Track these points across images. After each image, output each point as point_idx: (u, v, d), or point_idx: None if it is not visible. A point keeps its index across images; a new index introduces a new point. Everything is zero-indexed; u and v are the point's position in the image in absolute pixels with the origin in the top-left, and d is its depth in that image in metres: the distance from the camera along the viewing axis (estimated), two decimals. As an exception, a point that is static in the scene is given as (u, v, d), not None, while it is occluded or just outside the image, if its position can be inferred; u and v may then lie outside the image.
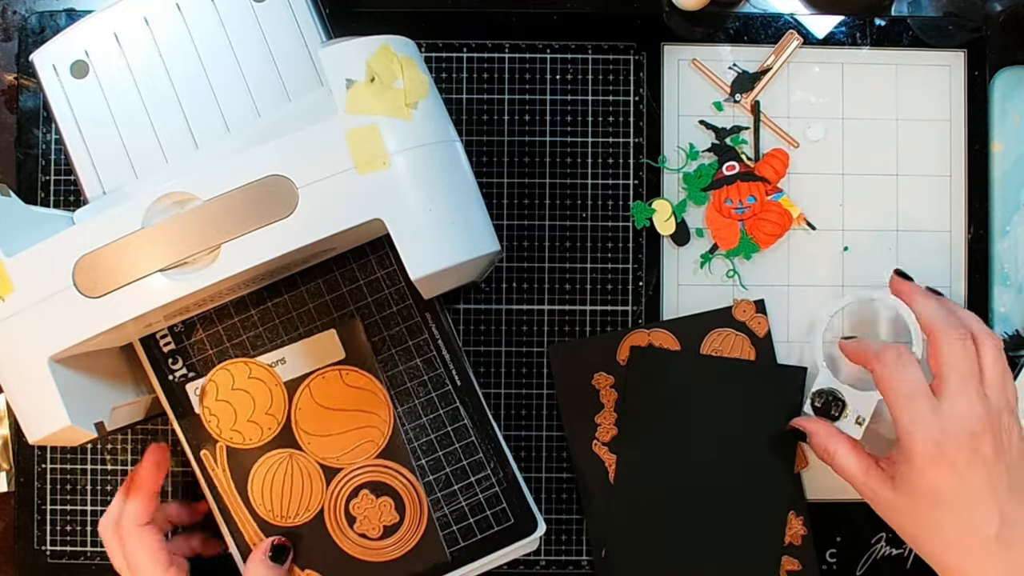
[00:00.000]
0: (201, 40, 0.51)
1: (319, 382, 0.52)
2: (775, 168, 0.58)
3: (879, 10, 0.60)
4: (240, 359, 0.52)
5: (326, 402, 0.52)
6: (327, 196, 0.43)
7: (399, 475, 0.52)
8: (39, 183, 0.59)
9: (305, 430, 0.52)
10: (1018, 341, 0.59)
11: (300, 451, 0.52)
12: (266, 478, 0.52)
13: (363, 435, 0.52)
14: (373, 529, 0.52)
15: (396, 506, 0.52)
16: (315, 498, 0.52)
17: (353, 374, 0.52)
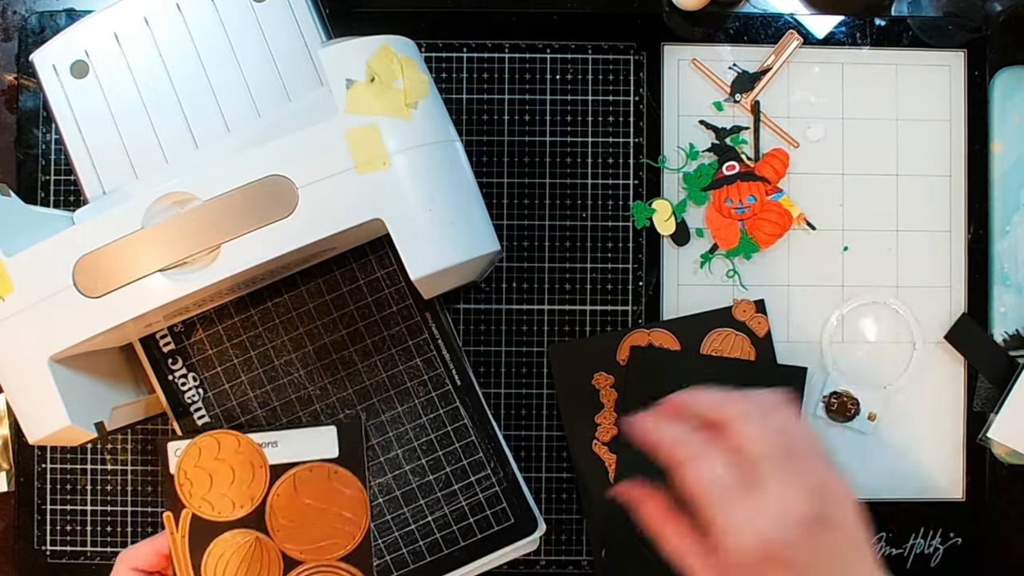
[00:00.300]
0: (201, 40, 0.51)
1: (305, 475, 0.52)
2: (775, 168, 0.58)
3: (879, 10, 0.60)
4: (232, 432, 0.52)
5: (308, 496, 0.52)
6: (327, 196, 0.43)
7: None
8: (39, 183, 0.59)
9: (279, 518, 0.51)
10: (1018, 341, 0.59)
11: (267, 537, 0.51)
12: (224, 555, 0.51)
13: (334, 534, 0.52)
14: None
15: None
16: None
17: (342, 475, 0.52)
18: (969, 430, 0.59)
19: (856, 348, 0.59)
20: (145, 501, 0.59)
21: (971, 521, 0.59)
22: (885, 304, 0.58)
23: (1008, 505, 0.59)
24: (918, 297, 0.59)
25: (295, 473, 0.52)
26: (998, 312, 0.59)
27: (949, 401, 0.59)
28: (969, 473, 0.59)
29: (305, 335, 0.54)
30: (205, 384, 0.54)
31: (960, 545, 0.59)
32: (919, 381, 0.59)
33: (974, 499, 0.59)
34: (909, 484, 0.59)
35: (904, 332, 0.59)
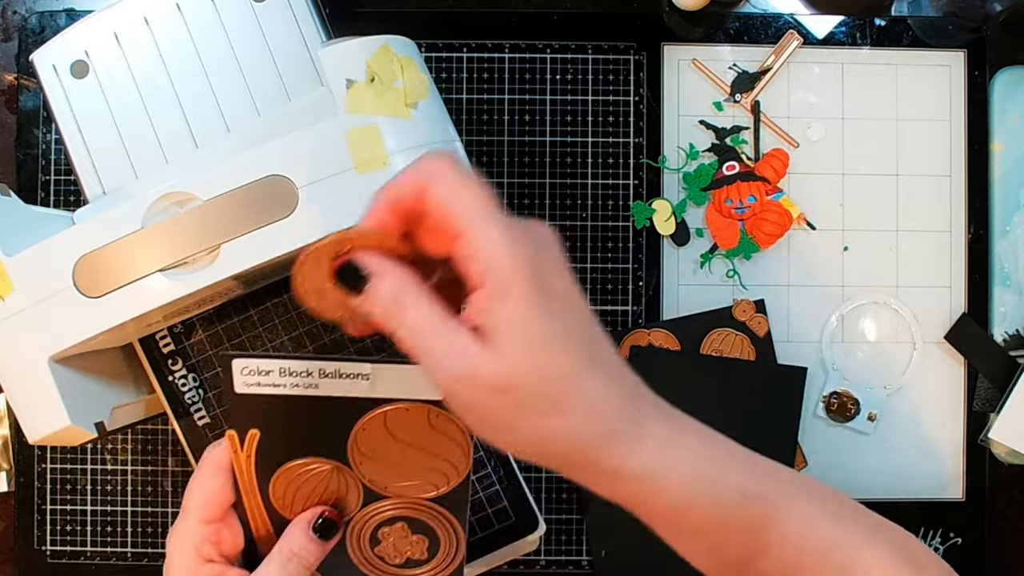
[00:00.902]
0: (201, 40, 0.51)
1: (399, 414, 0.44)
2: (775, 168, 0.58)
3: (879, 10, 0.60)
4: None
5: (400, 434, 0.44)
6: (327, 196, 0.43)
7: (447, 523, 0.46)
8: (39, 183, 0.59)
9: (362, 452, 0.44)
10: (1018, 341, 0.59)
11: (347, 468, 0.45)
12: (296, 479, 0.45)
13: (427, 476, 0.45)
14: (395, 556, 0.46)
15: (429, 547, 0.46)
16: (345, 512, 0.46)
17: (444, 419, 0.44)
18: (969, 430, 0.59)
19: (856, 348, 0.59)
20: (145, 501, 0.59)
21: (971, 521, 0.59)
22: (885, 304, 0.58)
23: (1008, 505, 0.59)
24: (918, 297, 0.59)
25: (387, 412, 0.44)
26: (998, 312, 0.59)
27: (949, 401, 0.59)
28: (969, 473, 0.59)
29: (305, 335, 0.54)
30: (205, 384, 0.54)
31: (960, 545, 0.59)
32: (919, 381, 0.59)
33: (974, 499, 0.59)
34: (909, 484, 0.59)
35: (904, 332, 0.59)
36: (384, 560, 0.46)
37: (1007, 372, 0.58)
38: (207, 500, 0.43)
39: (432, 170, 0.33)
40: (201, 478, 0.43)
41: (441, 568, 0.46)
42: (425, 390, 0.43)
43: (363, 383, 0.43)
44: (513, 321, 0.32)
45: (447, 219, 0.33)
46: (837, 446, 0.58)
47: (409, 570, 0.47)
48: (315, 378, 0.42)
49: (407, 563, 0.46)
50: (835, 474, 0.58)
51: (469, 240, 0.32)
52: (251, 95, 0.51)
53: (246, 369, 0.43)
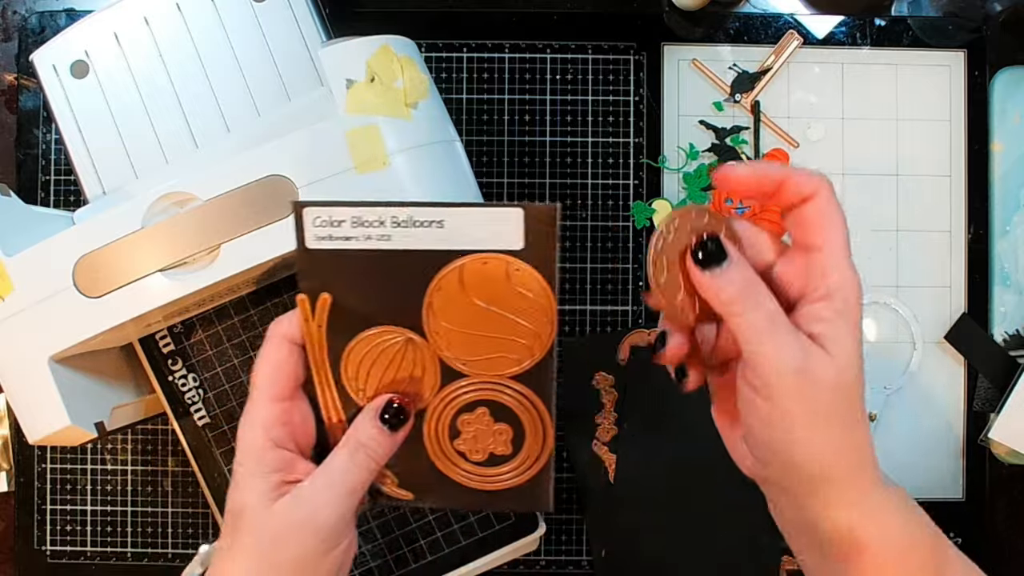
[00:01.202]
0: (201, 40, 0.51)
1: (476, 267, 0.40)
2: (775, 168, 0.58)
3: (879, 10, 0.60)
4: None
5: (478, 295, 0.40)
6: (327, 196, 0.43)
7: (532, 407, 0.42)
8: (39, 183, 0.59)
9: (439, 317, 0.40)
10: (1018, 341, 0.59)
11: (422, 339, 0.41)
12: (368, 354, 0.41)
13: (508, 347, 0.41)
14: (476, 452, 0.43)
15: (514, 438, 0.43)
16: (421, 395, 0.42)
17: (525, 274, 0.40)
18: (969, 430, 0.59)
19: (856, 348, 0.59)
20: (145, 501, 0.59)
21: (971, 521, 0.59)
22: (885, 304, 0.58)
23: (1008, 505, 0.59)
24: (918, 297, 0.59)
25: (463, 264, 0.40)
26: (998, 312, 0.59)
27: (949, 401, 0.59)
28: (969, 473, 0.59)
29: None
30: (205, 385, 0.54)
31: (960, 545, 0.59)
32: (919, 381, 0.59)
33: (974, 499, 0.59)
34: (909, 484, 0.58)
35: (904, 332, 0.59)
36: (465, 457, 0.43)
37: (1007, 372, 0.58)
38: (275, 373, 0.40)
39: (822, 184, 0.36)
40: (267, 351, 0.40)
41: (525, 466, 0.43)
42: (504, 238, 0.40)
43: (437, 232, 0.40)
44: (850, 336, 0.35)
45: (818, 228, 0.36)
46: (837, 446, 0.58)
47: (491, 468, 0.43)
48: (387, 228, 0.39)
49: (489, 459, 0.43)
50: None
51: (831, 257, 0.36)
52: (251, 95, 0.51)
53: (318, 219, 0.39)
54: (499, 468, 0.43)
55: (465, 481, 0.43)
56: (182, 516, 0.59)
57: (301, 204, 0.39)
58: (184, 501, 0.59)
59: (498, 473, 0.43)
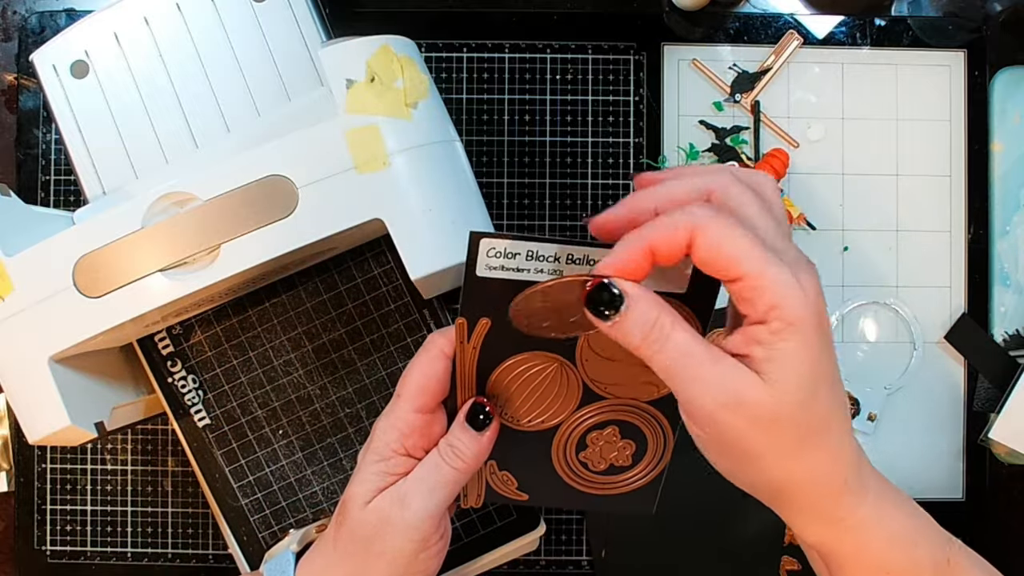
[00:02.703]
0: (201, 40, 0.51)
1: None
2: (775, 168, 0.58)
3: (879, 10, 0.60)
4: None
5: None
6: (327, 196, 0.43)
7: (659, 428, 0.44)
8: (39, 183, 0.59)
9: (592, 346, 0.42)
10: (1018, 341, 0.59)
11: (572, 365, 0.42)
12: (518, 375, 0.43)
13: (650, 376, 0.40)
14: (599, 463, 0.45)
15: (635, 453, 0.44)
16: (558, 414, 0.44)
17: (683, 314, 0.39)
18: (969, 430, 0.59)
19: (856, 348, 0.59)
20: (145, 501, 0.59)
21: (971, 521, 0.59)
22: (885, 304, 0.58)
23: (1008, 505, 0.59)
24: (918, 297, 0.59)
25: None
26: (998, 312, 0.59)
27: (949, 401, 0.59)
28: (969, 473, 0.59)
29: (304, 335, 0.54)
30: (205, 386, 0.54)
31: (960, 545, 0.59)
32: (919, 381, 0.59)
33: (974, 499, 0.59)
34: (909, 484, 0.59)
35: (904, 332, 0.59)
36: (587, 467, 0.45)
37: (1007, 372, 0.58)
38: (424, 386, 0.41)
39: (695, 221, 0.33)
40: (421, 363, 0.41)
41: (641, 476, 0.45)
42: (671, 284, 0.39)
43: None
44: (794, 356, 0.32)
45: (721, 265, 0.32)
46: (837, 446, 0.58)
47: (610, 476, 0.45)
48: (561, 264, 0.39)
49: (609, 469, 0.45)
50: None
51: (750, 282, 0.32)
52: (251, 95, 0.51)
53: (492, 250, 0.40)
54: (616, 477, 0.45)
55: (580, 486, 0.45)
56: (182, 516, 0.59)
57: (479, 235, 0.40)
58: (184, 501, 0.59)
59: (614, 481, 0.45)
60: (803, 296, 0.32)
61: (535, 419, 0.44)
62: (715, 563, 0.57)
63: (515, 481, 0.45)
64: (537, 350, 0.42)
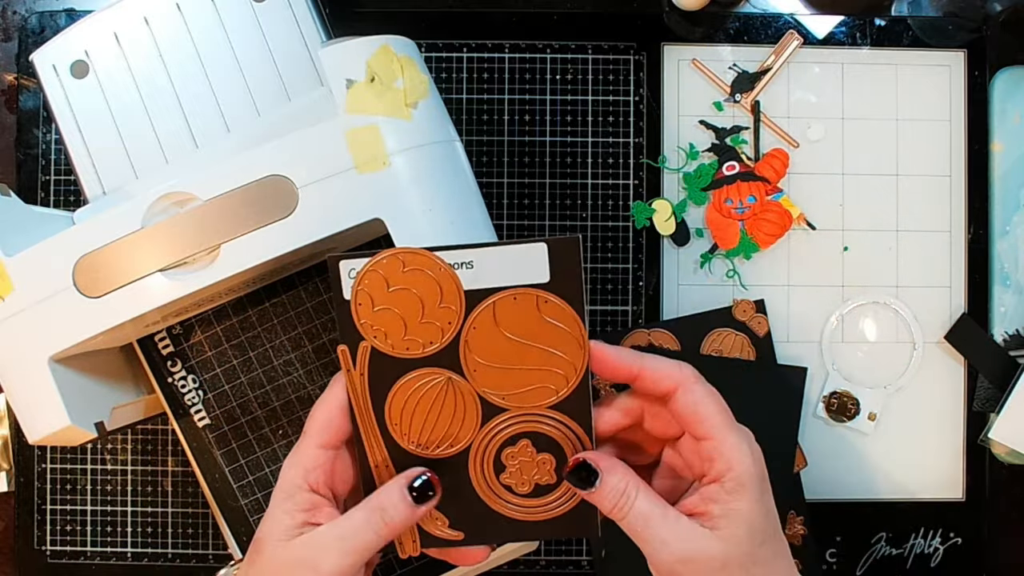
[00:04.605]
0: (201, 40, 0.51)
1: (508, 303, 0.42)
2: (775, 168, 0.58)
3: (879, 10, 0.60)
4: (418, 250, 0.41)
5: (511, 329, 0.42)
6: (327, 196, 0.43)
7: (572, 434, 0.43)
8: (39, 183, 0.59)
9: (475, 355, 0.42)
10: (1018, 341, 0.59)
11: (462, 378, 0.43)
12: (412, 397, 0.43)
13: (544, 378, 0.43)
14: (522, 484, 0.44)
15: (556, 466, 0.44)
16: (464, 434, 0.43)
17: (553, 305, 0.42)
18: (969, 430, 0.59)
19: (856, 348, 0.59)
20: (145, 501, 0.59)
21: (971, 521, 0.59)
22: (885, 304, 0.58)
23: (1008, 505, 0.59)
24: (918, 297, 0.59)
25: (495, 301, 0.42)
26: (998, 312, 0.59)
27: (949, 401, 0.59)
28: (969, 473, 0.59)
29: (303, 335, 0.54)
30: (205, 386, 0.54)
31: (960, 545, 0.59)
32: (919, 381, 0.59)
33: (974, 499, 0.59)
34: (909, 484, 0.59)
35: (904, 332, 0.59)
36: (512, 490, 0.44)
37: (1007, 372, 0.58)
38: (328, 422, 0.42)
39: (682, 377, 0.41)
40: (326, 400, 0.42)
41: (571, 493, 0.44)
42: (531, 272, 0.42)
43: (468, 272, 0.42)
44: (742, 515, 0.38)
45: (692, 420, 0.40)
46: (837, 446, 0.58)
47: (538, 499, 0.44)
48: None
49: (535, 490, 0.44)
50: (835, 474, 0.59)
51: (715, 444, 0.39)
52: (251, 95, 0.51)
53: (353, 271, 0.41)
54: (546, 498, 0.44)
55: (514, 514, 0.44)
56: (182, 516, 0.59)
57: (337, 258, 0.41)
58: (184, 501, 0.59)
59: (546, 503, 0.44)
60: (753, 461, 0.39)
61: (443, 443, 0.43)
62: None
63: (445, 519, 0.44)
64: (423, 367, 0.42)
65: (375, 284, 0.42)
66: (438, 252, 0.41)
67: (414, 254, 0.41)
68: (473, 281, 0.42)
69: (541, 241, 0.41)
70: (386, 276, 0.42)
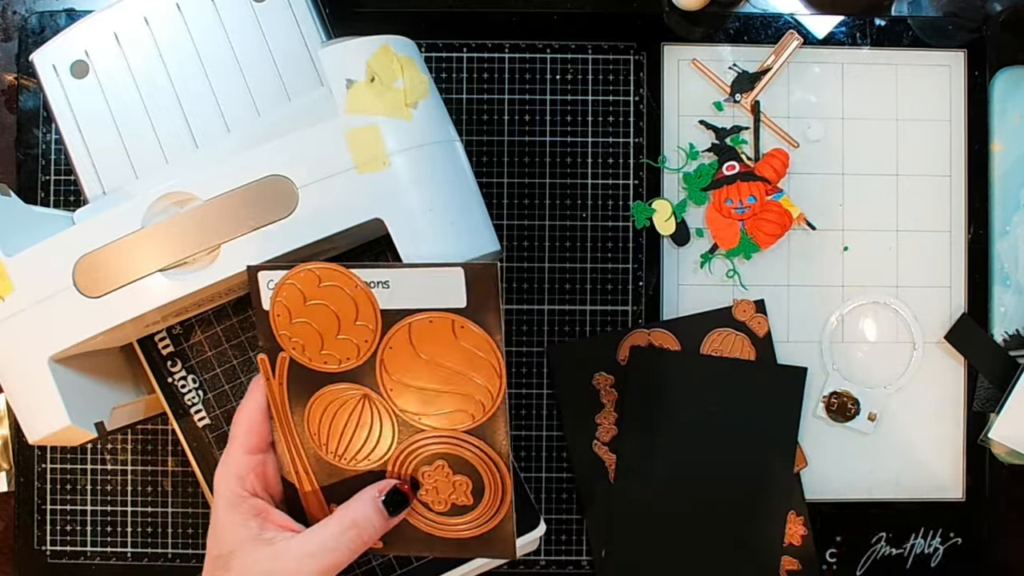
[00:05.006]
0: (201, 40, 0.51)
1: (423, 326, 0.42)
2: (775, 168, 0.58)
3: (879, 10, 0.60)
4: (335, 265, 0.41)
5: (426, 352, 0.42)
6: (327, 196, 0.43)
7: (487, 459, 0.43)
8: (39, 183, 0.59)
9: (392, 375, 0.42)
10: (1018, 341, 0.59)
11: (378, 395, 0.43)
12: (328, 410, 0.43)
13: (460, 403, 0.43)
14: (439, 503, 0.44)
15: (473, 489, 0.44)
16: (380, 449, 0.43)
17: (469, 331, 0.42)
18: (969, 430, 0.59)
19: (856, 348, 0.59)
20: (145, 501, 0.59)
21: (971, 521, 0.59)
22: (885, 304, 0.58)
23: (1008, 505, 0.59)
24: (918, 297, 0.59)
25: (411, 323, 0.42)
26: (998, 312, 0.59)
27: (949, 401, 0.59)
28: (969, 473, 0.59)
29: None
30: (205, 386, 0.54)
31: (960, 545, 0.59)
32: (919, 381, 0.59)
33: (974, 499, 0.59)
34: (909, 484, 0.59)
35: (904, 332, 0.59)
36: (429, 507, 0.44)
37: (1007, 372, 0.58)
38: (252, 426, 0.43)
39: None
40: (247, 405, 0.43)
41: (487, 516, 0.44)
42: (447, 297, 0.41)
43: (384, 292, 0.42)
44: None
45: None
46: (837, 446, 0.59)
47: (455, 518, 0.44)
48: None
49: (452, 509, 0.44)
50: (835, 474, 0.59)
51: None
52: (251, 95, 0.51)
53: (271, 282, 0.42)
54: (463, 518, 0.44)
55: (431, 530, 0.44)
56: (182, 516, 0.59)
57: (255, 268, 0.42)
58: (184, 501, 0.59)
59: (463, 522, 0.44)
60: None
61: (361, 457, 0.44)
62: (715, 563, 0.57)
63: None
64: (340, 382, 0.43)
65: (292, 297, 0.42)
66: (354, 269, 0.42)
67: (330, 270, 0.42)
68: (389, 301, 0.42)
69: (458, 266, 0.41)
70: (303, 290, 0.42)
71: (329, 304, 0.42)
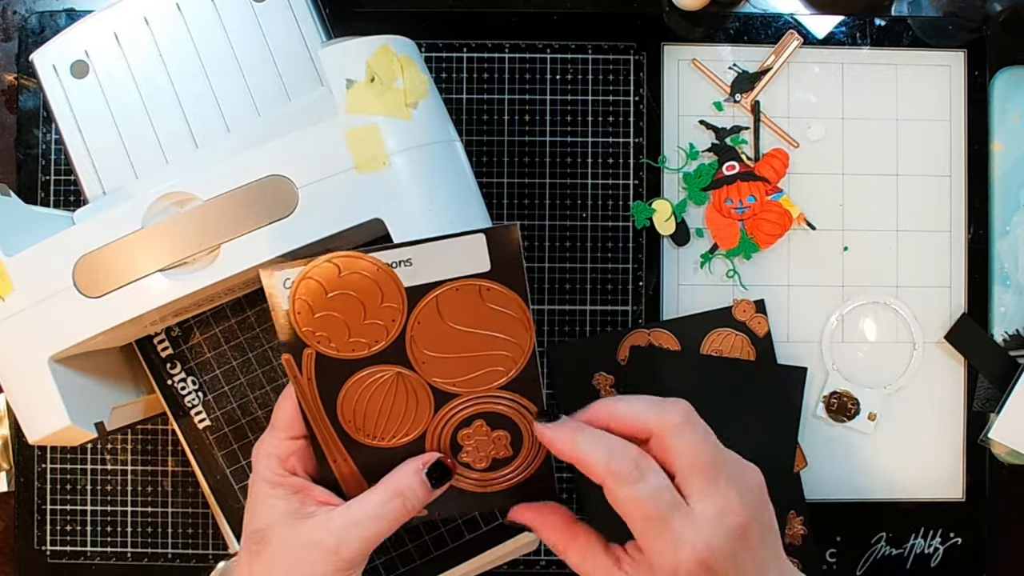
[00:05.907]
0: (201, 40, 0.51)
1: (450, 295, 0.42)
2: (775, 168, 0.58)
3: (879, 10, 0.60)
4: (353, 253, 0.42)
5: (456, 320, 0.43)
6: (327, 196, 0.43)
7: (523, 409, 0.45)
8: (39, 183, 0.59)
9: (422, 348, 0.43)
10: (1018, 341, 0.59)
11: (411, 371, 0.43)
12: (362, 396, 0.44)
13: (492, 361, 0.43)
14: (480, 460, 0.45)
15: (512, 441, 0.45)
16: (418, 422, 0.44)
17: (496, 292, 0.43)
18: (969, 430, 0.59)
19: (856, 348, 0.59)
20: (145, 501, 0.59)
21: (971, 521, 0.59)
22: (885, 304, 0.58)
23: (1008, 505, 0.59)
24: (918, 297, 0.59)
25: (437, 296, 0.43)
26: (998, 312, 0.59)
27: (949, 401, 0.59)
28: (969, 473, 0.59)
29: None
30: (205, 387, 0.54)
31: (960, 545, 0.59)
32: (919, 381, 0.59)
33: (974, 499, 0.59)
34: (909, 484, 0.59)
35: (904, 332, 0.59)
36: (470, 467, 0.45)
37: (1007, 372, 0.58)
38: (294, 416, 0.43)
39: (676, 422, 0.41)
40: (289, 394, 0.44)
41: (527, 463, 0.45)
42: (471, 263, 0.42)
43: (407, 270, 0.43)
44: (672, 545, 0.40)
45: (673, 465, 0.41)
46: (837, 446, 0.59)
47: (496, 472, 0.45)
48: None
49: (493, 464, 0.45)
50: (835, 474, 0.59)
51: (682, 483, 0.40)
52: (251, 95, 0.51)
53: (288, 280, 0.42)
54: (505, 469, 0.45)
55: (474, 488, 0.45)
56: (182, 516, 0.59)
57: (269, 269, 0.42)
58: (184, 501, 0.59)
59: (504, 474, 0.45)
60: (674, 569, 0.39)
61: (399, 433, 0.44)
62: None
63: None
64: (371, 365, 0.43)
65: (312, 291, 0.43)
66: (374, 253, 0.42)
67: (349, 258, 0.42)
68: (413, 277, 0.42)
69: (479, 232, 0.42)
70: (322, 282, 0.43)
71: (352, 292, 0.42)
